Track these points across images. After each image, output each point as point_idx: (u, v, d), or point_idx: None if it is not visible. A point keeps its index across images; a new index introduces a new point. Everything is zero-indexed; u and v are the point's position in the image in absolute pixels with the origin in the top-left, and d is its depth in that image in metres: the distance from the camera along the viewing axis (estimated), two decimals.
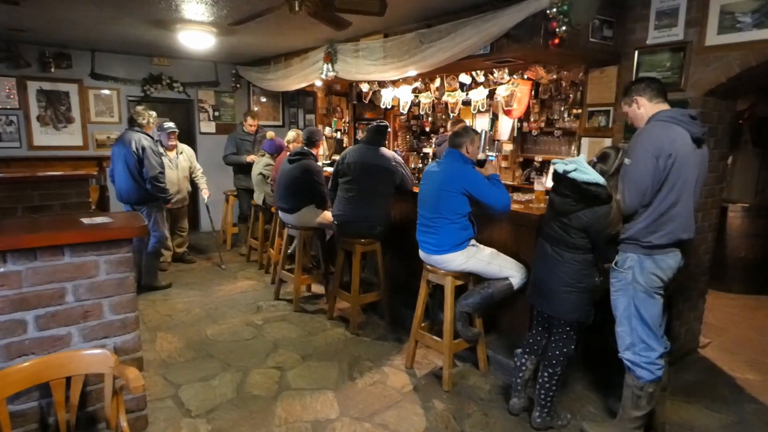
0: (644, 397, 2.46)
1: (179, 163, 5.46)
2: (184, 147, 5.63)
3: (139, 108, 4.84)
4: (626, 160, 2.39)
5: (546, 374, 2.65)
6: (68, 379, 1.78)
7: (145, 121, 4.72)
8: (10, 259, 1.69)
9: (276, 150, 5.33)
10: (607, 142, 3.65)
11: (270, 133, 5.63)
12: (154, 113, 4.88)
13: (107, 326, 1.92)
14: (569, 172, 2.40)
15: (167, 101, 7.05)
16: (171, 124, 5.38)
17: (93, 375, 1.85)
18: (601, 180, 2.37)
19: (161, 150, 5.18)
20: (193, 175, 5.68)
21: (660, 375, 2.45)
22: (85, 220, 1.96)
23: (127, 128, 4.77)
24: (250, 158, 5.78)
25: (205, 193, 5.71)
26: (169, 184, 5.25)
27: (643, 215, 2.37)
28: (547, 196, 2.78)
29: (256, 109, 7.70)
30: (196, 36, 4.97)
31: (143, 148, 4.53)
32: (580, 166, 2.40)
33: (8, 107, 5.93)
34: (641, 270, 2.39)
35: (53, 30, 5.14)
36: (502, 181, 3.26)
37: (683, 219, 2.35)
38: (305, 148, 4.35)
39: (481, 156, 3.27)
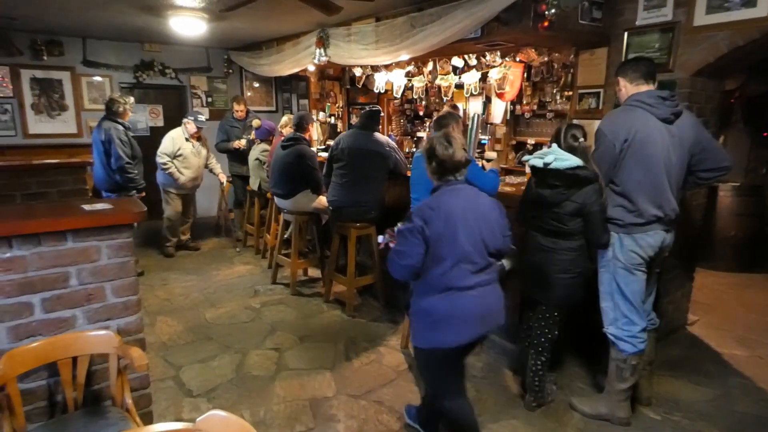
0: (627, 369, 2.56)
1: (201, 151, 5.53)
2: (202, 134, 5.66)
3: (115, 95, 4.81)
4: (593, 145, 2.53)
5: (539, 362, 2.72)
6: (74, 359, 1.84)
7: (120, 109, 4.68)
8: (15, 244, 1.74)
9: (267, 135, 5.36)
10: (597, 123, 3.69)
11: (256, 121, 5.66)
12: (131, 99, 4.87)
13: (110, 308, 1.98)
14: (549, 163, 2.44)
15: (160, 87, 7.03)
16: (203, 118, 5.45)
17: (98, 355, 1.92)
18: (580, 162, 2.42)
19: (184, 138, 5.29)
20: (208, 161, 5.75)
21: (642, 348, 2.55)
22: (86, 207, 2.00)
23: (103, 116, 4.72)
24: (236, 144, 5.81)
25: (222, 177, 5.88)
26: (192, 170, 5.36)
27: (613, 196, 2.48)
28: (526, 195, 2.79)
29: (248, 93, 7.70)
30: (188, 22, 4.94)
31: (110, 139, 4.53)
32: (557, 155, 2.45)
33: (2, 96, 5.92)
34: (620, 247, 2.48)
35: (44, 17, 5.10)
36: (495, 166, 3.31)
37: (652, 197, 2.42)
38: (297, 133, 4.38)
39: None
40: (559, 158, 2.43)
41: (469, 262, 2.06)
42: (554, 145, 2.54)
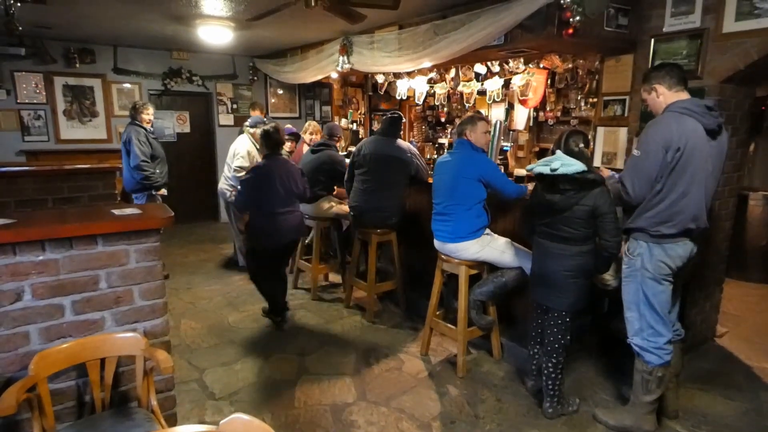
0: (653, 381, 2.51)
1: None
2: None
3: (138, 102, 5.00)
4: (635, 151, 2.43)
5: (550, 365, 2.71)
6: (103, 360, 1.89)
7: (136, 113, 4.86)
8: (48, 247, 1.80)
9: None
10: (623, 131, 3.65)
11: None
12: (150, 106, 4.98)
13: (138, 311, 2.03)
14: (557, 169, 2.45)
15: (187, 95, 7.20)
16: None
17: (125, 357, 1.96)
18: (584, 167, 2.44)
19: (256, 148, 4.94)
20: None
21: (668, 360, 2.49)
22: (116, 211, 2.06)
23: (128, 122, 4.90)
24: None
25: None
26: None
27: (653, 207, 2.40)
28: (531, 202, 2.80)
29: (272, 100, 7.81)
30: (215, 31, 5.06)
31: (129, 140, 4.72)
32: (563, 161, 2.46)
33: (36, 102, 6.14)
34: (650, 257, 2.43)
35: (77, 26, 5.29)
36: (517, 169, 3.31)
37: (693, 210, 2.37)
38: (329, 140, 4.48)
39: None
40: (566, 163, 2.45)
41: (280, 199, 3.63)
42: (558, 152, 2.56)
